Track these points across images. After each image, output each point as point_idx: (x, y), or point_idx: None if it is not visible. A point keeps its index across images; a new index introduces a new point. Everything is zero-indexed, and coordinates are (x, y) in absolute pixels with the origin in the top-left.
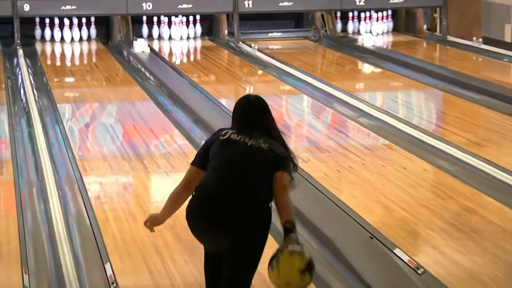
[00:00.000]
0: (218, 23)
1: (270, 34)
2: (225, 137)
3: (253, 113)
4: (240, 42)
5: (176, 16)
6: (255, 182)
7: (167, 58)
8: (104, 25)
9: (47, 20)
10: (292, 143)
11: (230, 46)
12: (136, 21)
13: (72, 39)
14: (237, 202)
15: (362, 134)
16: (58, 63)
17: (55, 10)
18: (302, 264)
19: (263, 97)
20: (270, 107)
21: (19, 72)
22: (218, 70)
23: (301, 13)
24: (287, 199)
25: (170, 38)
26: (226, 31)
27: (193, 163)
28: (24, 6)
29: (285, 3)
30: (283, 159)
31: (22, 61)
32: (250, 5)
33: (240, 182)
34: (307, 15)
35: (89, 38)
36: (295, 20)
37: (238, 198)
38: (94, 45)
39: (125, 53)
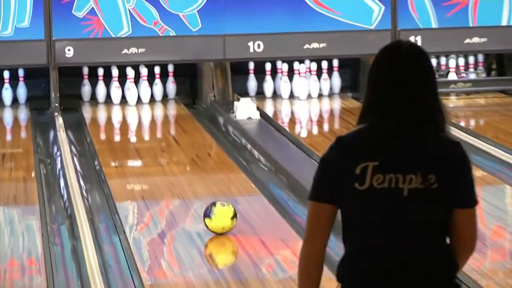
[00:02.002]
0: (367, 73)
1: (450, 87)
2: (365, 186)
3: (404, 82)
4: None
5: (301, 61)
6: (427, 243)
7: (287, 128)
8: (188, 77)
9: (101, 71)
10: (488, 263)
11: None
12: (239, 70)
13: (139, 100)
14: (413, 276)
15: None
16: (117, 138)
17: (113, 55)
18: (231, 212)
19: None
20: None
21: (58, 153)
22: None
23: (500, 54)
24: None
25: (291, 96)
26: None
27: (314, 197)
28: (66, 50)
29: (475, 39)
30: (465, 188)
31: (62, 135)
32: (419, 42)
33: (406, 248)
34: (509, 57)
35: (165, 98)
36: (490, 65)
37: (413, 271)
38: (172, 109)
39: (221, 120)
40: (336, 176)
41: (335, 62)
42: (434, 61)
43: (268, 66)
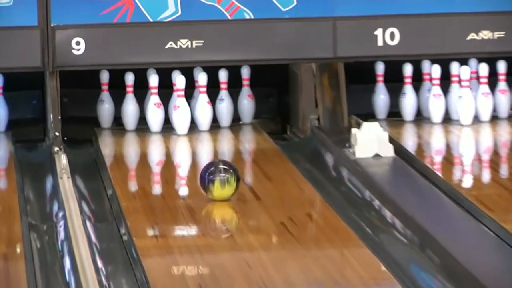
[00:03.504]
0: None
1: None
2: None
3: None
4: None
5: (463, 62)
6: None
7: (439, 173)
8: (275, 88)
9: (130, 79)
10: None
11: None
12: (360, 76)
13: (194, 126)
14: None
15: None
16: (157, 189)
17: (151, 52)
18: (231, 190)
19: None
20: None
21: (60, 214)
22: None
23: None
24: None
25: (446, 119)
26: None
27: None
28: (74, 44)
29: None
30: None
31: (66, 184)
32: None
33: None
34: None
35: (236, 123)
36: None
37: None
38: (248, 141)
39: (329, 159)
40: None
41: None
42: None
43: (407, 69)
